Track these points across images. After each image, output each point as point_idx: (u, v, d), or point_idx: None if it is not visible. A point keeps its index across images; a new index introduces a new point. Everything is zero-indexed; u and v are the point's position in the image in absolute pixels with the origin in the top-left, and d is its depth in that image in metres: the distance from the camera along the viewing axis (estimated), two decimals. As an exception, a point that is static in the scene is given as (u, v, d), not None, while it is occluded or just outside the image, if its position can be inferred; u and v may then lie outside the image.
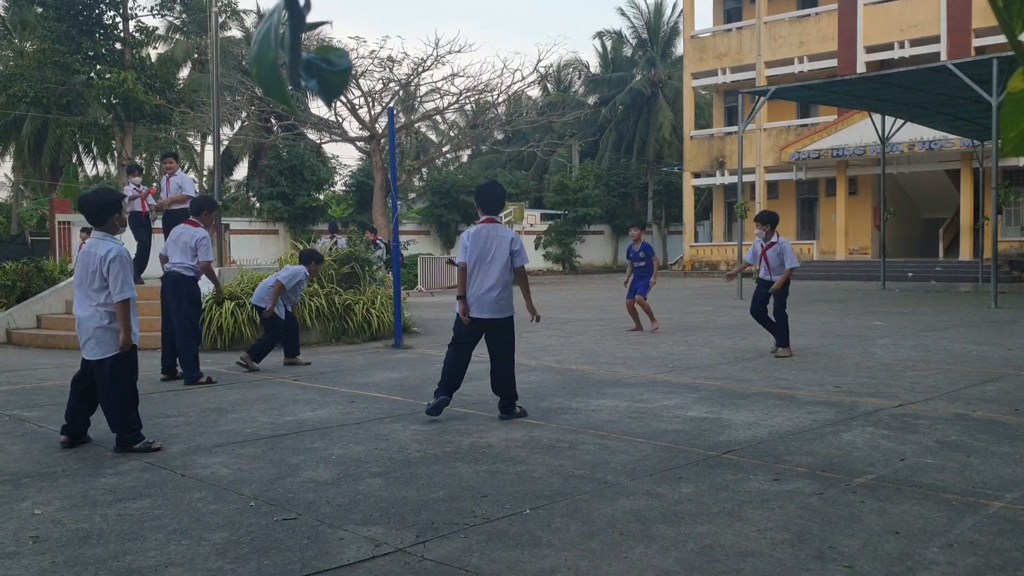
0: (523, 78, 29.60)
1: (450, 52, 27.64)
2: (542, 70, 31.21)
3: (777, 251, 10.23)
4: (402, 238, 21.75)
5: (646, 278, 12.84)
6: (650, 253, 13.06)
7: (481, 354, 6.80)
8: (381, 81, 27.55)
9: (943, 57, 28.95)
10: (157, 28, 37.23)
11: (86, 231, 19.97)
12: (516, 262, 6.63)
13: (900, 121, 24.63)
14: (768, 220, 10.47)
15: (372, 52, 27.21)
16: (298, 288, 10.05)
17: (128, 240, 9.40)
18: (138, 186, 13.19)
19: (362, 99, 27.44)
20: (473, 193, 7.78)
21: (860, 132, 30.17)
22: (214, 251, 12.80)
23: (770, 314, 10.18)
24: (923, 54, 30.38)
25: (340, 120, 28.71)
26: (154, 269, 14.70)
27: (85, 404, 5.86)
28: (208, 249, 8.62)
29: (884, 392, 7.53)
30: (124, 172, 35.64)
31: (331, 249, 13.66)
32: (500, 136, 41.34)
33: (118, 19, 33.26)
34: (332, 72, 1.52)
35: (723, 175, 36.55)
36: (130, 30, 33.69)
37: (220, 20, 34.42)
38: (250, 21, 43.22)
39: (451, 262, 11.82)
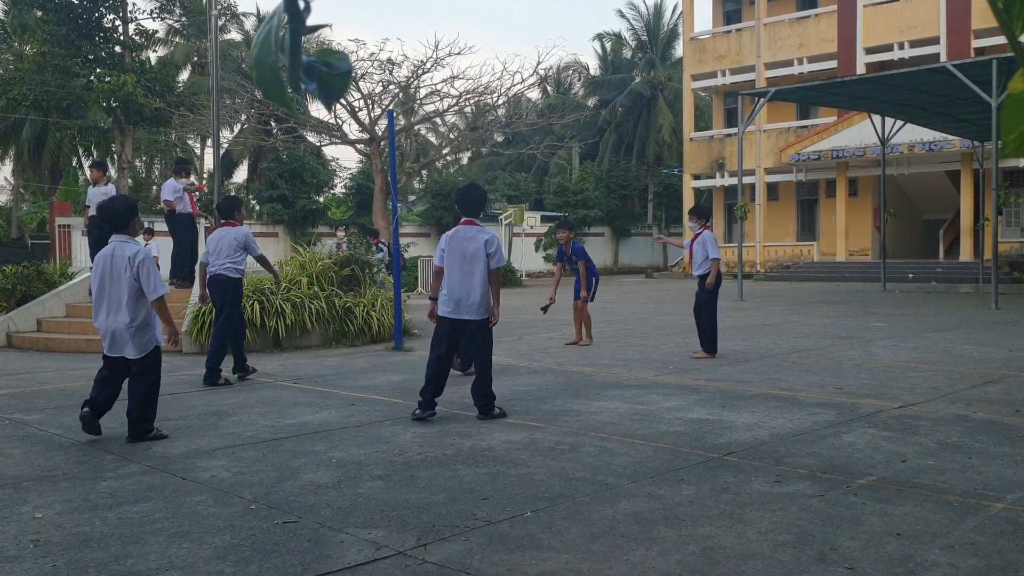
0: (523, 80, 29.59)
1: (449, 54, 27.72)
2: (542, 72, 31.25)
3: (700, 243, 10.26)
4: (402, 240, 21.76)
5: (589, 279, 11.40)
6: (582, 256, 11.42)
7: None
8: (381, 84, 27.60)
9: (943, 58, 28.96)
10: (157, 31, 37.28)
11: (147, 232, 19.98)
12: (491, 264, 6.70)
13: (900, 122, 24.64)
14: (701, 214, 10.63)
15: (372, 55, 27.19)
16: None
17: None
18: (187, 186, 13.20)
19: (362, 102, 27.49)
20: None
21: (860, 133, 30.18)
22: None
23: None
24: (923, 55, 30.39)
25: (340, 123, 28.76)
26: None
27: (112, 391, 6.27)
28: (256, 243, 9.05)
29: (885, 393, 7.53)
30: (126, 175, 35.70)
31: (339, 246, 13.67)
32: (500, 138, 41.35)
33: (118, 22, 33.31)
34: (332, 75, 1.52)
35: (723, 177, 36.55)
36: (130, 33, 33.73)
37: (220, 23, 34.43)
38: (250, 24, 43.28)
39: None
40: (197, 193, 13.38)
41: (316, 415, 6.95)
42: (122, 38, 33.47)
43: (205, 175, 43.90)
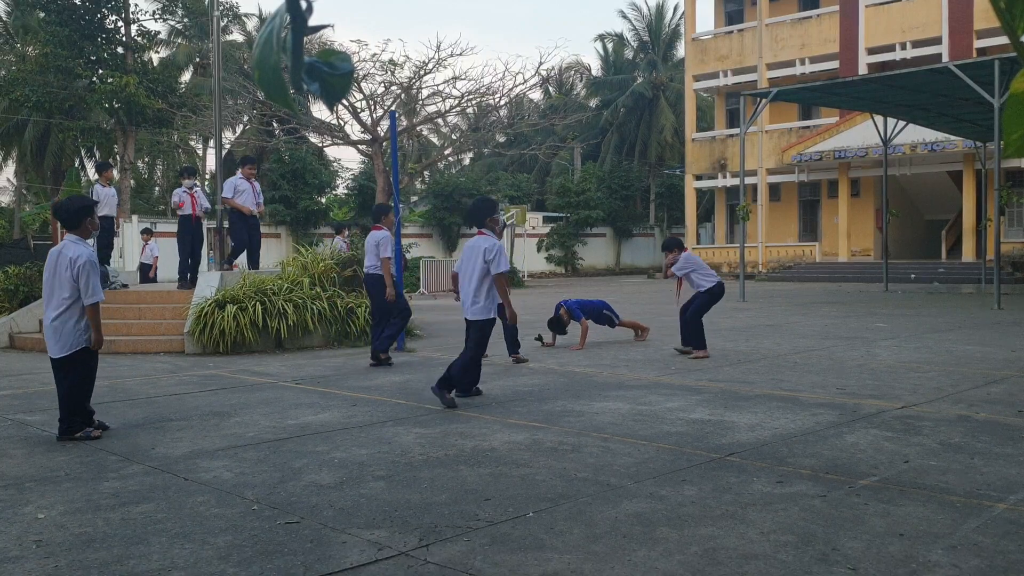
0: (524, 81, 29.59)
1: (451, 55, 27.75)
2: (543, 73, 31.27)
3: (685, 277, 10.61)
4: (404, 241, 21.77)
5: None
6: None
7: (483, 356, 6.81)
8: (383, 84, 27.61)
9: (945, 58, 28.94)
10: (159, 32, 37.36)
11: (147, 232, 20.03)
12: (491, 270, 7.43)
13: (902, 123, 24.62)
14: (669, 247, 10.92)
15: (374, 55, 27.26)
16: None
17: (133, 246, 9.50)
18: (190, 189, 13.23)
19: (364, 102, 27.49)
20: (469, 195, 8.70)
21: (862, 134, 30.17)
22: (214, 254, 12.77)
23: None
24: (925, 55, 30.37)
25: (342, 123, 28.77)
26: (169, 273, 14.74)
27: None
28: (388, 247, 9.86)
29: (887, 394, 7.52)
30: (128, 176, 35.73)
31: (334, 248, 13.72)
32: (502, 139, 41.35)
33: (120, 23, 33.35)
34: (334, 76, 1.52)
35: (725, 177, 36.55)
36: (132, 34, 33.77)
37: (222, 24, 34.49)
38: (252, 25, 43.34)
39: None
40: (200, 194, 13.39)
41: (318, 416, 6.95)
42: (124, 39, 33.51)
43: (207, 176, 43.94)
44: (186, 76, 41.15)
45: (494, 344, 11.99)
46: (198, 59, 41.70)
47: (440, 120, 37.34)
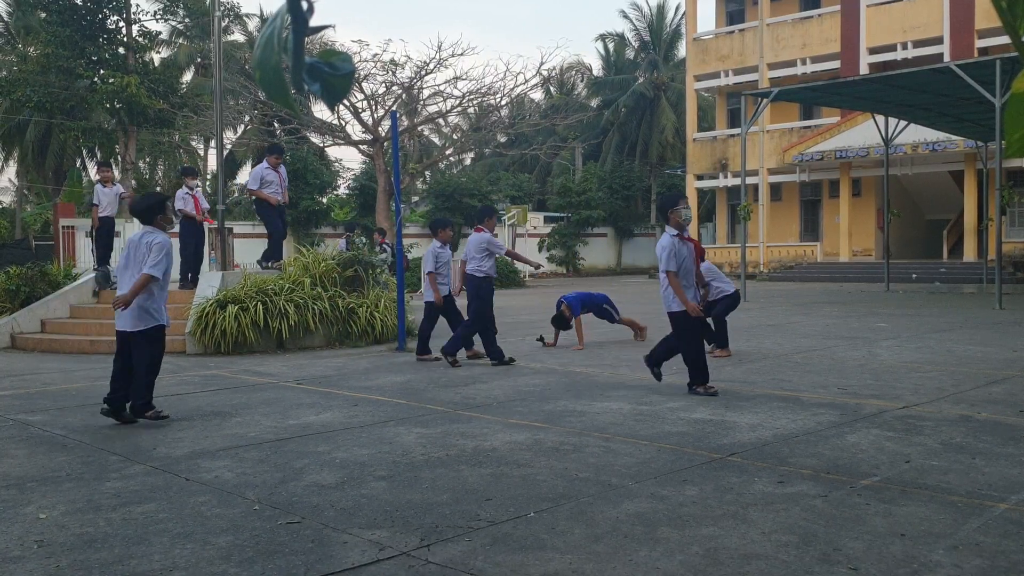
0: (526, 81, 29.61)
1: (452, 55, 27.69)
2: (545, 73, 31.27)
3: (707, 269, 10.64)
4: (405, 241, 21.77)
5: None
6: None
7: (484, 356, 6.78)
8: (384, 84, 27.62)
9: (946, 58, 28.92)
10: (160, 33, 37.35)
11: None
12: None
13: (903, 122, 24.61)
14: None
15: (375, 55, 27.23)
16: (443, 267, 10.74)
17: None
18: (191, 190, 13.24)
19: (365, 102, 27.51)
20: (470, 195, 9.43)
21: (863, 134, 30.15)
22: (215, 254, 12.75)
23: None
24: (926, 55, 30.35)
25: (343, 123, 28.80)
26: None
27: (125, 379, 6.76)
28: (501, 245, 10.24)
29: (888, 394, 7.52)
30: (130, 176, 35.74)
31: (346, 249, 13.75)
32: (503, 139, 41.36)
33: (121, 24, 33.35)
34: (335, 76, 1.52)
35: (726, 177, 36.53)
36: (133, 35, 33.77)
37: (223, 24, 34.51)
38: (253, 25, 43.35)
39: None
40: (200, 195, 13.41)
41: (319, 416, 6.96)
42: (125, 39, 33.51)
43: (208, 176, 43.96)
44: (187, 76, 41.16)
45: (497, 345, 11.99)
46: (199, 59, 41.72)
47: (441, 120, 37.31)
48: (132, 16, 33.46)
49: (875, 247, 33.30)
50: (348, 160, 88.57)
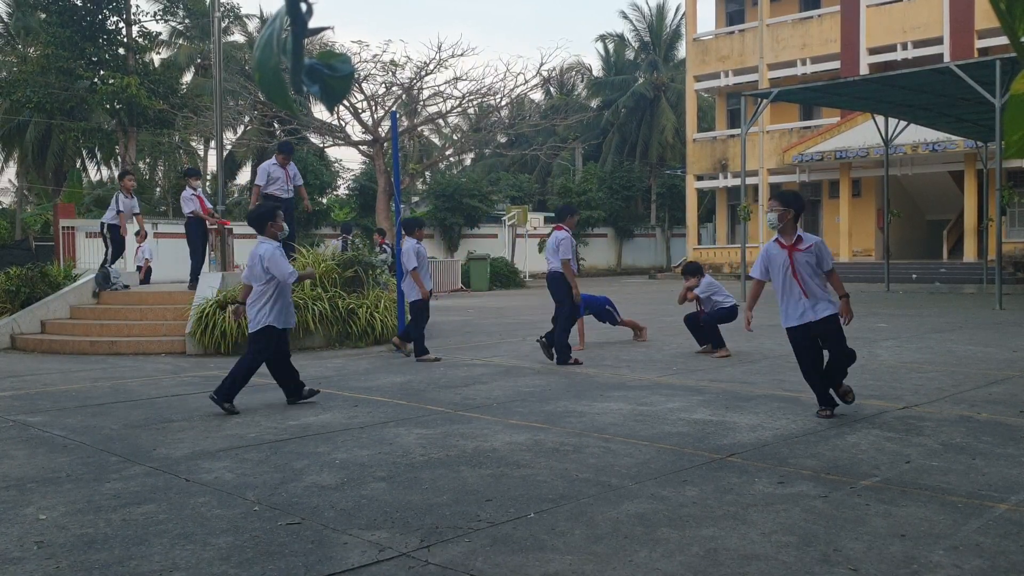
0: (526, 81, 29.62)
1: (452, 56, 27.70)
2: (545, 73, 31.27)
3: (702, 291, 10.80)
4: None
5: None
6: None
7: (485, 357, 6.77)
8: (384, 85, 27.63)
9: (946, 58, 28.92)
10: (160, 33, 37.36)
11: (137, 234, 19.93)
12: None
13: (903, 123, 24.61)
14: (693, 272, 11.01)
15: (375, 56, 27.22)
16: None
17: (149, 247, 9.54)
18: (196, 190, 13.25)
19: (365, 103, 27.51)
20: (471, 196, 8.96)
21: (863, 134, 30.15)
22: (215, 255, 12.81)
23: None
24: (926, 55, 30.35)
25: (343, 124, 28.80)
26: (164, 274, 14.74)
27: (285, 370, 7.53)
28: (568, 249, 10.04)
29: (889, 394, 7.52)
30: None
31: (342, 250, 13.74)
32: (503, 139, 41.35)
33: (121, 25, 33.36)
34: (334, 77, 1.52)
35: (726, 178, 36.53)
36: (133, 35, 33.77)
37: (223, 25, 34.49)
38: (253, 26, 43.35)
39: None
40: (204, 195, 13.43)
41: (319, 416, 6.96)
42: (125, 40, 33.51)
43: (208, 176, 43.99)
44: (187, 77, 41.15)
45: (495, 345, 11.99)
46: (199, 60, 41.71)
47: (441, 121, 37.36)
48: (132, 17, 33.49)
49: (875, 247, 33.29)
50: (348, 160, 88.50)
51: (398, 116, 16.58)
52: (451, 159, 46.76)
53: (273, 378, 7.58)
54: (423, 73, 27.32)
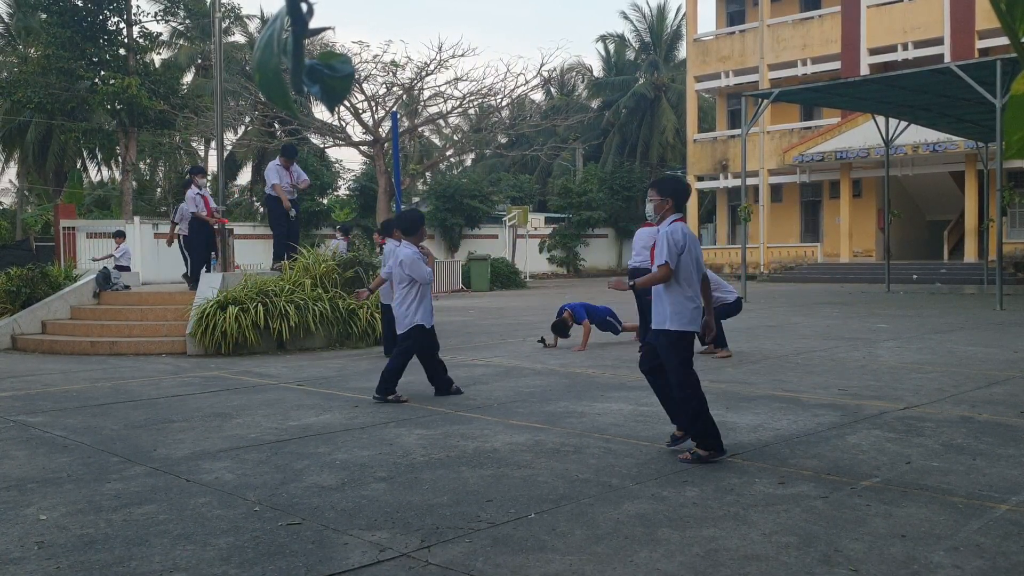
0: (526, 82, 29.65)
1: (453, 56, 27.72)
2: (545, 74, 31.28)
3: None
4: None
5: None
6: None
7: (486, 357, 6.78)
8: (384, 85, 27.65)
9: (947, 59, 28.93)
10: (161, 34, 37.36)
11: (119, 235, 20.03)
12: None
13: (904, 123, 24.61)
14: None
15: (375, 56, 27.27)
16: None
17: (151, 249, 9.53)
18: (201, 189, 13.24)
19: (365, 103, 27.53)
20: (471, 196, 9.00)
21: (864, 134, 30.16)
22: (215, 255, 12.77)
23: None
24: (927, 56, 30.36)
25: (343, 125, 28.81)
26: (159, 274, 14.73)
27: (435, 365, 7.95)
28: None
29: (889, 395, 7.52)
30: (130, 177, 35.75)
31: (335, 251, 13.71)
32: (504, 140, 41.37)
33: (122, 25, 33.37)
34: (335, 78, 1.52)
35: (726, 178, 36.54)
36: (134, 36, 33.78)
37: (223, 25, 34.51)
38: (254, 26, 43.36)
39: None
40: (209, 195, 13.43)
41: (320, 417, 6.96)
42: (126, 41, 33.52)
43: (209, 177, 43.98)
44: (188, 77, 41.17)
45: (496, 345, 12.00)
46: (200, 60, 41.74)
47: (442, 121, 37.38)
48: (133, 17, 33.49)
49: (876, 248, 33.30)
50: (348, 161, 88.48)
51: (399, 116, 16.59)
52: (452, 159, 46.81)
53: (425, 373, 7.98)
54: (424, 73, 27.36)
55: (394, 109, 25.82)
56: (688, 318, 5.39)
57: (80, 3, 31.71)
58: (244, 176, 46.77)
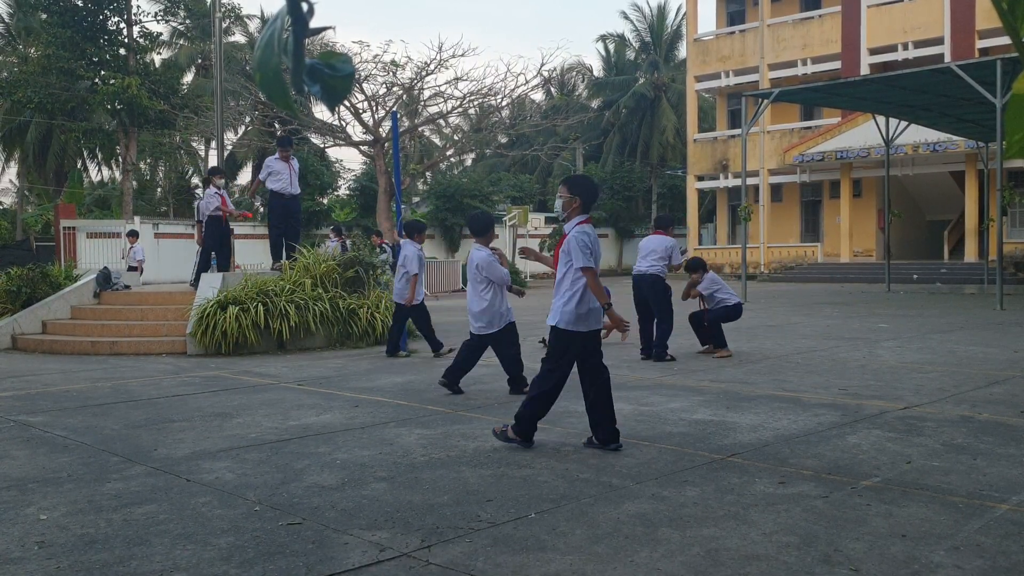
0: (526, 82, 29.60)
1: (453, 56, 27.68)
2: (545, 74, 31.26)
3: (705, 287, 10.68)
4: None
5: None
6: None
7: (486, 357, 6.83)
8: (385, 85, 27.63)
9: (947, 59, 28.93)
10: (161, 34, 37.35)
11: (133, 235, 20.07)
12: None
13: (904, 123, 24.61)
14: (696, 267, 10.83)
15: (375, 56, 27.25)
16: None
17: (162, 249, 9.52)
18: (219, 189, 13.23)
19: (366, 103, 27.51)
20: (471, 196, 9.10)
21: (864, 134, 30.15)
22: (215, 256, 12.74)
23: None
24: (927, 56, 30.36)
25: (344, 124, 28.79)
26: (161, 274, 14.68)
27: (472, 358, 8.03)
28: (678, 254, 10.40)
29: (889, 394, 7.52)
30: (130, 177, 35.74)
31: (334, 251, 13.72)
32: (504, 140, 41.35)
33: (122, 25, 33.36)
34: (335, 77, 1.52)
35: (727, 178, 36.54)
36: (134, 36, 33.78)
37: (224, 25, 34.51)
38: (254, 26, 43.37)
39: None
40: (227, 194, 13.42)
41: (320, 417, 6.96)
42: (126, 40, 33.51)
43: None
44: (188, 77, 41.17)
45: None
46: (200, 60, 41.74)
47: (442, 121, 37.34)
48: (133, 17, 33.48)
49: (876, 248, 33.30)
50: (349, 161, 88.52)
51: (399, 116, 16.59)
52: (452, 159, 46.77)
53: (501, 365, 8.06)
54: (424, 73, 27.33)
55: (394, 109, 25.81)
56: (575, 317, 5.68)
57: (80, 3, 31.70)
58: (245, 176, 46.79)
